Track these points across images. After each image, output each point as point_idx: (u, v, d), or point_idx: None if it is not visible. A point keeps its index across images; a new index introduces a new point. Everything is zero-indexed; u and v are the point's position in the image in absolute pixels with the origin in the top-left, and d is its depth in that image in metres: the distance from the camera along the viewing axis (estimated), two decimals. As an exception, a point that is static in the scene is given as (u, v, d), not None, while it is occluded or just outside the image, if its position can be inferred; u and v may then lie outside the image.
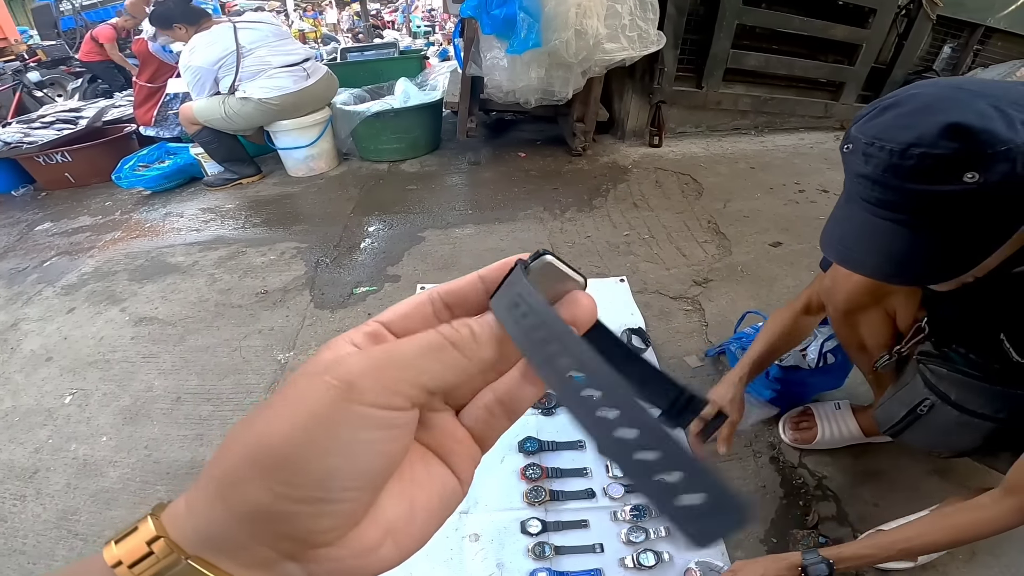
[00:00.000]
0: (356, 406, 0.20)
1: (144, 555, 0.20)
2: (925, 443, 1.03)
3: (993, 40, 3.45)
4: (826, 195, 2.53)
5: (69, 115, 3.52)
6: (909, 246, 0.63)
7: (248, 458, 0.19)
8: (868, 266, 0.69)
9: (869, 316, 1.03)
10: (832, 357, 1.26)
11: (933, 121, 0.57)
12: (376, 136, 3.11)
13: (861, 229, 0.68)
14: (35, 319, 2.01)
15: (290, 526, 0.19)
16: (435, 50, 6.31)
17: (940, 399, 0.93)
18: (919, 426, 0.98)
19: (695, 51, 3.03)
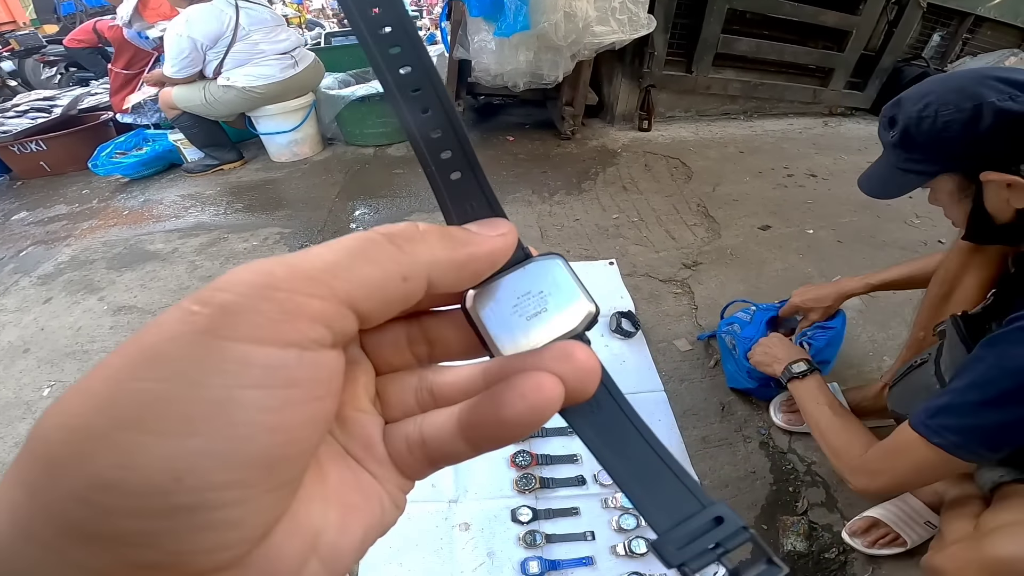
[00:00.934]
0: (229, 344, 0.13)
1: None
2: (895, 400, 1.05)
3: (983, 29, 3.47)
4: (814, 179, 2.53)
5: (43, 103, 3.43)
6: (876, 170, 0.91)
7: (54, 456, 0.12)
8: (860, 180, 0.95)
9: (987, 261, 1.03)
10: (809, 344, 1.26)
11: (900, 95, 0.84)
12: (361, 120, 3.06)
13: (874, 162, 0.93)
14: (12, 310, 1.96)
15: (139, 552, 0.12)
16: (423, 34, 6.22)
17: (935, 357, 0.94)
18: (904, 380, 1.01)
19: (685, 35, 3.01)
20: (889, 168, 0.87)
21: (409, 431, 0.18)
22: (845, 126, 3.31)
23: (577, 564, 1.04)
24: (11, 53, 5.04)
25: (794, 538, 1.07)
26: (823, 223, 2.13)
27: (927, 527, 1.03)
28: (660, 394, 1.39)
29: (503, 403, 0.16)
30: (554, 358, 0.17)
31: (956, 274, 1.06)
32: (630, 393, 1.36)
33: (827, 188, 2.44)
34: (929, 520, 1.03)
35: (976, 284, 1.04)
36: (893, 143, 0.84)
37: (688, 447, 1.25)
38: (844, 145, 2.95)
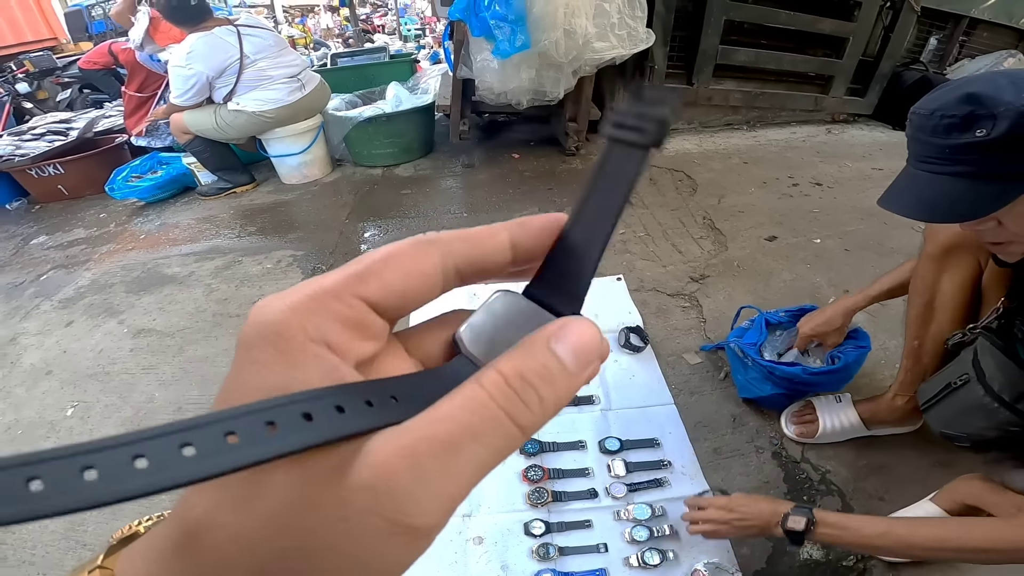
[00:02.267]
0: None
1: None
2: (943, 422, 1.03)
3: (978, 31, 3.48)
4: (819, 188, 2.54)
5: (59, 126, 3.47)
6: (934, 188, 0.77)
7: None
8: (902, 206, 0.81)
9: (961, 264, 1.03)
10: (839, 358, 1.28)
11: (956, 93, 0.72)
12: (369, 141, 3.11)
13: (904, 180, 0.83)
14: (34, 333, 2.00)
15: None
16: (426, 53, 6.31)
17: (976, 375, 0.93)
18: (947, 402, 0.99)
19: (684, 48, 3.05)
20: (962, 179, 0.74)
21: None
22: (848, 133, 3.32)
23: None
24: (26, 75, 5.14)
25: (810, 546, 1.07)
26: (830, 232, 2.14)
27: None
28: (671, 407, 1.40)
29: None
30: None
31: (933, 281, 1.07)
32: (641, 407, 1.39)
33: (832, 196, 2.45)
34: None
35: (955, 288, 1.06)
36: (986, 142, 0.70)
37: (700, 458, 1.26)
38: (848, 152, 2.96)
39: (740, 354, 1.34)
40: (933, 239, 1.06)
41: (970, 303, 1.07)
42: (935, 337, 1.10)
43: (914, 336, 1.14)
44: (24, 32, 6.01)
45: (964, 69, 3.40)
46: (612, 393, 1.44)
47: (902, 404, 1.20)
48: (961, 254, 1.03)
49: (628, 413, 1.39)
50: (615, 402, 1.42)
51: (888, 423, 1.25)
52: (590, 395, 1.43)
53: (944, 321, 1.08)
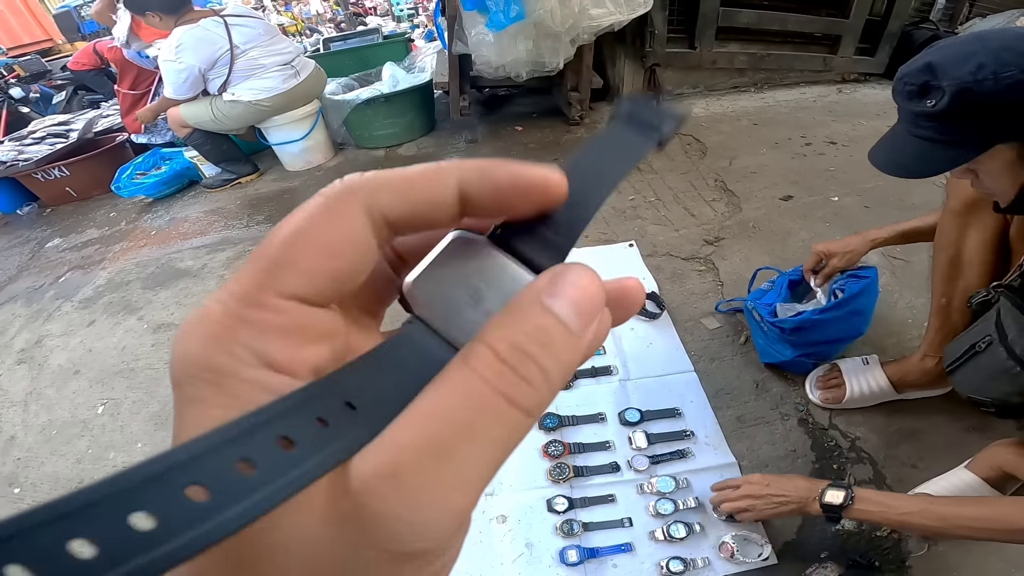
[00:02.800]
0: None
1: None
2: (970, 385, 1.00)
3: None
4: (834, 147, 2.47)
5: (59, 128, 3.49)
6: (904, 147, 0.82)
7: None
8: (878, 160, 0.87)
9: (984, 219, 1.01)
10: (841, 292, 1.22)
11: (921, 61, 0.76)
12: (369, 123, 3.07)
13: (888, 135, 0.88)
14: (58, 334, 2.04)
15: None
16: (420, 32, 6.19)
17: (999, 337, 0.90)
18: (971, 364, 0.96)
19: (684, 11, 2.94)
20: (925, 142, 0.77)
21: None
22: (861, 92, 3.21)
23: (616, 551, 1.05)
24: (17, 79, 5.13)
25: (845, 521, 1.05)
26: (847, 189, 2.08)
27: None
28: (691, 375, 1.38)
29: None
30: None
31: (957, 237, 1.05)
32: (660, 376, 1.37)
33: (848, 154, 2.38)
34: (986, 496, 0.97)
35: (979, 243, 1.03)
36: (934, 112, 0.74)
37: (724, 427, 1.24)
38: (861, 111, 2.87)
39: (757, 317, 1.31)
40: (955, 194, 1.03)
41: (997, 260, 1.03)
42: (963, 294, 1.06)
43: (941, 293, 1.10)
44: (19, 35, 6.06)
45: (975, 28, 3.26)
46: (630, 363, 1.42)
47: (932, 366, 1.16)
48: (985, 208, 0.99)
49: (647, 383, 1.37)
50: (633, 372, 1.40)
51: (918, 386, 1.21)
52: (607, 365, 1.41)
53: (972, 277, 1.05)
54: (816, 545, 1.02)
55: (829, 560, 0.99)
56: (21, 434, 1.61)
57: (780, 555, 1.01)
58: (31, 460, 1.51)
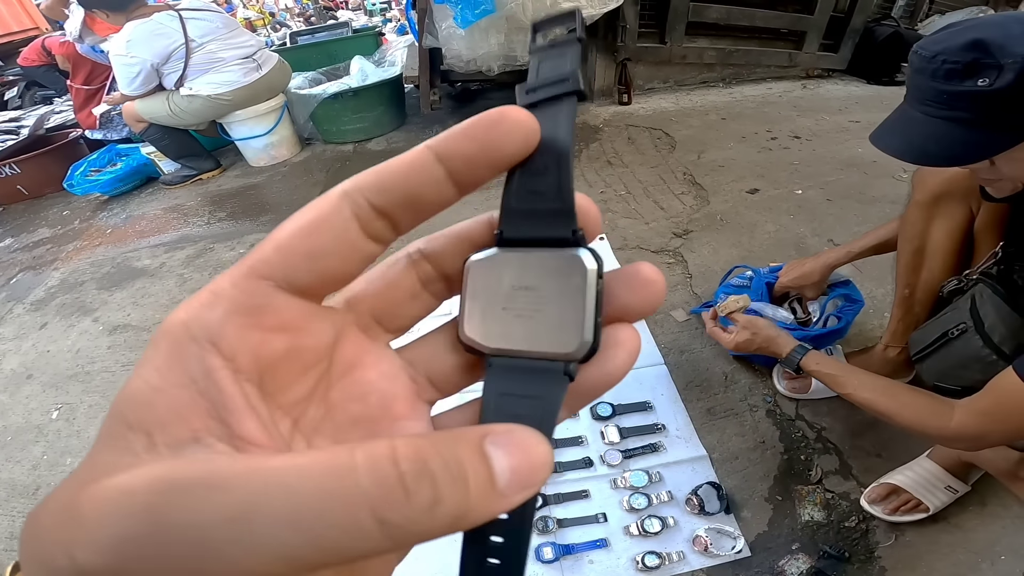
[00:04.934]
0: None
1: None
2: (938, 373, 1.02)
3: None
4: (798, 141, 2.51)
5: (9, 125, 3.35)
6: (927, 131, 0.75)
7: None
8: (892, 147, 0.80)
9: (951, 211, 1.01)
10: (836, 320, 1.24)
11: (963, 38, 0.69)
12: (337, 117, 3.01)
13: (896, 118, 0.82)
14: (10, 338, 1.94)
15: None
16: (392, 26, 6.11)
17: (974, 324, 0.91)
18: (942, 352, 0.97)
19: (655, 6, 2.97)
20: (958, 125, 0.72)
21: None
22: (824, 87, 3.29)
23: (591, 547, 1.04)
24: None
25: (811, 508, 1.06)
26: (811, 183, 2.12)
27: (948, 491, 1.00)
28: (661, 368, 1.38)
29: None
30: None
31: (922, 228, 1.05)
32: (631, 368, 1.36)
33: (812, 149, 2.43)
34: (950, 484, 1.00)
35: (945, 235, 1.04)
36: (988, 92, 0.67)
37: (694, 420, 1.25)
38: (824, 106, 2.93)
39: None
40: (922, 186, 1.04)
41: (961, 250, 1.05)
42: (926, 285, 1.08)
43: (905, 284, 1.12)
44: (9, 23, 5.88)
45: (934, 24, 3.37)
46: (602, 357, 1.42)
47: (894, 355, 1.19)
48: (951, 201, 1.01)
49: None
50: (605, 365, 1.39)
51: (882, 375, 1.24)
52: (580, 360, 1.40)
53: (935, 268, 1.06)
54: (788, 537, 1.03)
55: (800, 552, 1.00)
56: (-27, 440, 1.52)
57: (753, 547, 1.02)
58: (-14, 467, 1.44)
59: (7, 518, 1.30)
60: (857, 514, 1.04)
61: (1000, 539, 0.96)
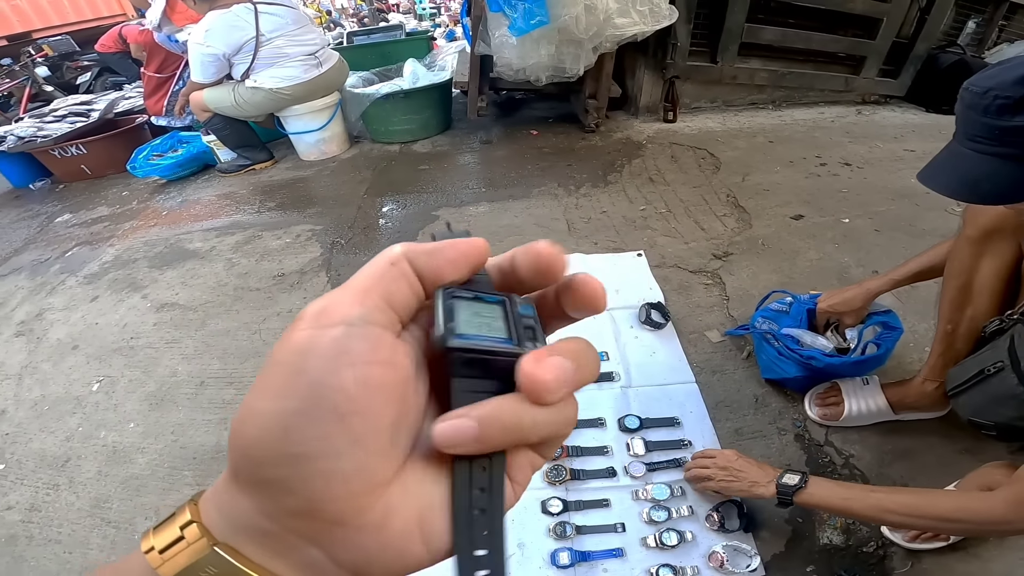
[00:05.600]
0: (308, 332, 0.18)
1: (175, 540, 0.19)
2: (972, 409, 1.00)
3: (1019, 15, 3.32)
4: (848, 168, 2.46)
5: (81, 108, 3.54)
6: (978, 168, 0.75)
7: (233, 431, 0.18)
8: (942, 184, 0.79)
9: (1001, 248, 1.00)
10: (875, 347, 1.22)
11: (1015, 73, 0.70)
12: (387, 118, 3.09)
13: (947, 156, 0.81)
14: (60, 308, 2.04)
15: (285, 495, 0.18)
16: (442, 31, 6.24)
17: (1011, 363, 0.90)
18: (977, 389, 0.96)
19: (708, 25, 2.95)
20: (1010, 163, 0.72)
21: None
22: (880, 114, 3.20)
23: (607, 556, 1.04)
24: (45, 58, 5.19)
25: (831, 532, 1.05)
26: (859, 212, 2.07)
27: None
28: (692, 386, 1.38)
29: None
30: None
31: (971, 264, 1.03)
32: (661, 385, 1.37)
33: (863, 177, 2.37)
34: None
35: (993, 272, 1.02)
36: None
37: (721, 439, 1.24)
38: (879, 133, 2.86)
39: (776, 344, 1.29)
40: (973, 221, 1.02)
41: (1008, 288, 1.02)
42: (970, 322, 1.06)
43: (948, 320, 1.09)
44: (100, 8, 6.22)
45: (1003, 53, 3.24)
46: (632, 370, 1.42)
47: (931, 390, 1.16)
48: (1002, 238, 0.99)
49: (648, 391, 1.37)
50: (635, 379, 1.40)
51: (916, 408, 1.21)
52: (610, 371, 1.41)
53: (980, 306, 1.04)
54: (804, 559, 1.02)
55: (815, 574, 0.99)
56: (12, 408, 1.59)
57: (768, 567, 1.01)
58: (19, 436, 1.49)
59: (31, 489, 1.33)
60: (876, 540, 1.03)
61: (1016, 570, 0.94)
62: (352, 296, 0.19)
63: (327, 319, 0.18)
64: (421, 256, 0.21)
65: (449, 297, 0.21)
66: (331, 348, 0.18)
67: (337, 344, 0.18)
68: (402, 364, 0.19)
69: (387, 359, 0.19)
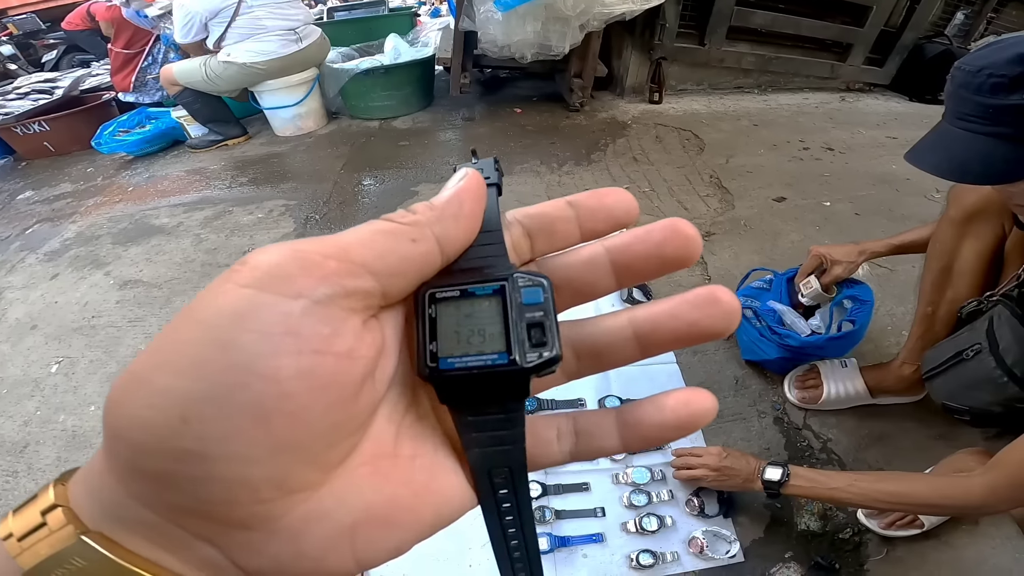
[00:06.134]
0: (247, 291, 0.14)
1: (36, 527, 0.15)
2: (947, 393, 1.00)
3: (1008, 9, 3.33)
4: (831, 153, 2.46)
5: (44, 85, 3.42)
6: (969, 147, 0.74)
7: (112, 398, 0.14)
8: (931, 164, 0.79)
9: (983, 230, 0.99)
10: (851, 324, 1.21)
11: (1008, 52, 0.69)
12: (366, 93, 3.01)
13: (936, 136, 0.81)
14: (19, 287, 1.95)
15: (171, 493, 0.14)
16: (427, 9, 6.11)
17: (989, 346, 0.89)
18: (953, 372, 0.96)
19: (698, 7, 2.91)
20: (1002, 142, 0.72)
21: (560, 423, 0.20)
22: (863, 101, 3.21)
23: (587, 541, 1.03)
24: (10, 37, 5.00)
25: (808, 518, 1.04)
26: (840, 196, 2.07)
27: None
28: (673, 366, 1.36)
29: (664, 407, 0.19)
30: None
31: (953, 246, 1.03)
32: (642, 365, 1.33)
33: (844, 162, 2.37)
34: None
35: (975, 254, 1.01)
36: None
37: (701, 421, 1.22)
38: (862, 120, 2.86)
39: (749, 316, 1.28)
40: (957, 203, 1.01)
41: (989, 270, 1.02)
42: (950, 304, 1.05)
43: (928, 302, 1.09)
44: None
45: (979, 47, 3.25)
46: (612, 350, 1.39)
47: (909, 373, 1.16)
48: (986, 219, 0.99)
49: (629, 371, 1.34)
50: (615, 359, 1.37)
51: (893, 392, 1.21)
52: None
53: (961, 287, 1.03)
54: (782, 545, 1.02)
55: (793, 560, 1.00)
56: (-32, 393, 1.52)
57: (747, 553, 1.00)
58: (-25, 421, 1.42)
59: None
60: (852, 526, 1.03)
61: (988, 559, 0.95)
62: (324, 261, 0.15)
63: (286, 286, 0.14)
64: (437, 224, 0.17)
65: (430, 303, 0.17)
66: (277, 323, 0.14)
67: (287, 321, 0.14)
68: (362, 356, 0.15)
69: (345, 350, 0.15)
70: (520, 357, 0.17)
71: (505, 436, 0.18)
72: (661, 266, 0.19)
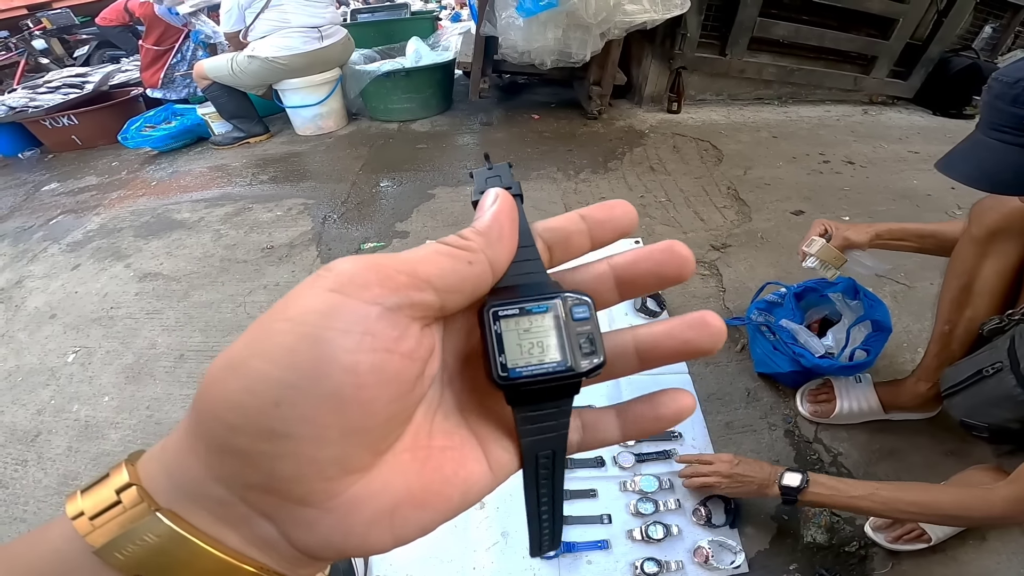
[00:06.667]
0: (334, 295, 0.16)
1: (110, 505, 0.17)
2: (966, 409, 0.98)
3: None
4: (851, 167, 2.43)
5: (75, 79, 3.49)
6: (1002, 158, 0.74)
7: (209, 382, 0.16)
8: (962, 173, 0.78)
9: (1005, 249, 0.98)
10: (864, 353, 1.19)
11: None
12: (386, 96, 3.05)
13: (969, 146, 0.81)
14: (40, 276, 1.99)
15: (251, 470, 0.16)
16: (447, 13, 6.15)
17: (1009, 364, 0.88)
18: (973, 389, 0.94)
19: (720, 17, 2.89)
20: None
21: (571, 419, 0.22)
22: (886, 115, 3.17)
23: (592, 547, 1.02)
24: (43, 31, 5.11)
25: (815, 530, 1.04)
26: (859, 210, 2.05)
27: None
28: (684, 376, 1.35)
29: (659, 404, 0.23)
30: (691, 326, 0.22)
31: (973, 265, 1.01)
32: (653, 374, 1.32)
33: (865, 176, 2.34)
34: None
35: (995, 273, 1.00)
36: None
37: (711, 432, 1.22)
38: (884, 134, 2.82)
39: (763, 330, 1.27)
40: (979, 220, 1.00)
41: (1010, 290, 1.01)
42: (968, 323, 1.04)
43: (946, 320, 1.08)
44: None
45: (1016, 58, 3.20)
46: (624, 358, 1.39)
47: (924, 390, 1.15)
48: (1007, 238, 0.97)
49: (640, 379, 1.31)
50: (626, 367, 1.37)
51: (907, 408, 1.19)
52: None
53: (980, 306, 1.02)
54: (787, 556, 1.01)
55: (797, 572, 0.99)
56: (-15, 379, 1.54)
57: (751, 564, 1.00)
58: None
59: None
60: (859, 540, 1.02)
61: (993, 573, 0.95)
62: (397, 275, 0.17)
63: (365, 293, 0.16)
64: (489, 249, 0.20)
65: (495, 319, 0.20)
66: (358, 323, 0.16)
67: (365, 322, 0.16)
68: (419, 358, 0.18)
69: (408, 351, 0.17)
70: (576, 364, 0.20)
71: (554, 425, 0.21)
72: (659, 283, 0.22)
